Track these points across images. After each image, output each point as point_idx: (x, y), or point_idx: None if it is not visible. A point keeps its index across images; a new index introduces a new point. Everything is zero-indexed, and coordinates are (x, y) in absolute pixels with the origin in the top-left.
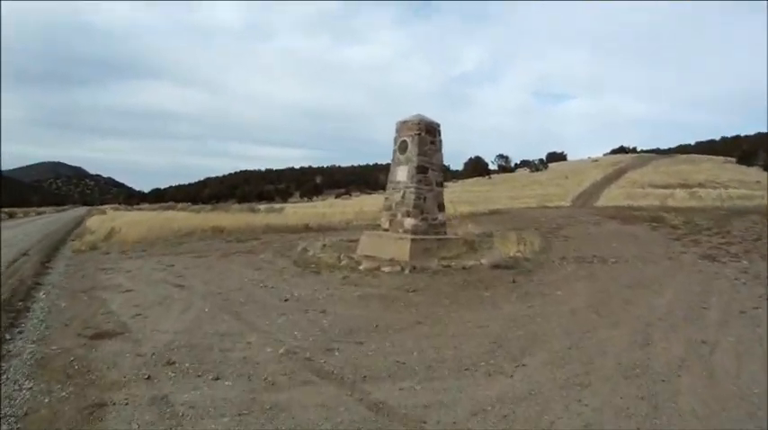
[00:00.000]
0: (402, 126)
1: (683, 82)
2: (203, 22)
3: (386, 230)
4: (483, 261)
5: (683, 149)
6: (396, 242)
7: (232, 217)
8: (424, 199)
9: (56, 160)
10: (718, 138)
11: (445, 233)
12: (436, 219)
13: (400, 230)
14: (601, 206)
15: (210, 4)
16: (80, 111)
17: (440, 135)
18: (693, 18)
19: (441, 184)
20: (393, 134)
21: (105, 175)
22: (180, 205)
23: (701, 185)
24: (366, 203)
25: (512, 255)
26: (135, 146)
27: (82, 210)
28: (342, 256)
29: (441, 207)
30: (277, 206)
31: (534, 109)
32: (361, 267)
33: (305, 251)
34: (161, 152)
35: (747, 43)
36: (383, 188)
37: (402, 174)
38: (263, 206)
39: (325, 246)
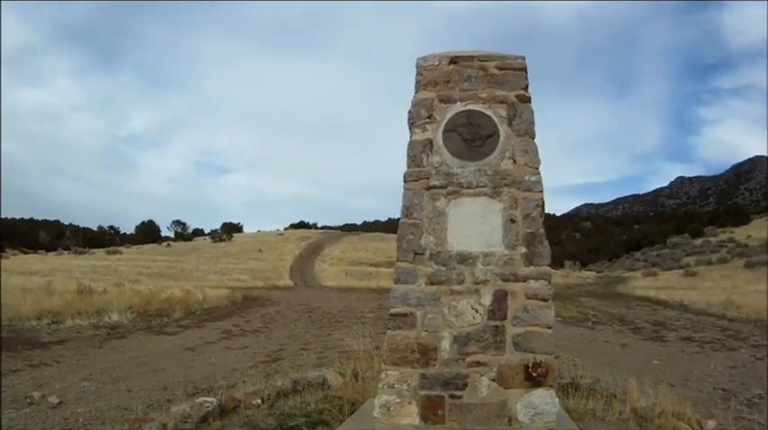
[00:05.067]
0: (451, 71)
1: (336, 167)
2: None
3: None
4: None
5: (352, 228)
6: None
7: None
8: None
9: None
10: (384, 219)
11: None
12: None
13: None
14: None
15: None
16: None
17: None
18: (353, 109)
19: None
20: (407, 96)
21: None
22: None
23: None
24: (36, 269)
25: None
26: None
27: None
28: None
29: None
30: None
31: (198, 178)
32: None
33: None
34: None
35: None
36: (44, 247)
37: (477, 220)
38: None
39: None
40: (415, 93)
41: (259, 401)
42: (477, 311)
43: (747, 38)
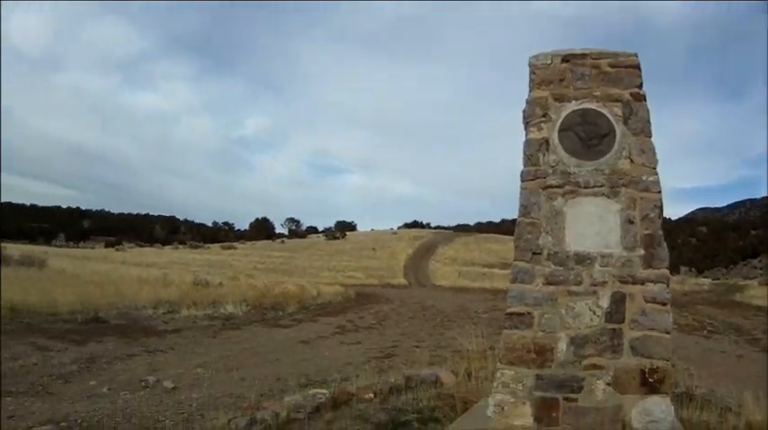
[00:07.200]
0: (564, 70)
1: (447, 169)
2: None
3: None
4: None
5: (465, 228)
6: None
7: None
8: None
9: None
10: (497, 220)
11: None
12: None
13: None
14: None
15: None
16: None
17: None
18: (460, 113)
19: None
20: (520, 95)
21: None
22: None
23: None
24: (152, 262)
25: None
26: None
27: None
28: None
29: None
30: (39, 251)
31: (311, 179)
32: None
33: None
34: None
35: (496, 140)
36: (160, 241)
37: (595, 221)
38: (16, 252)
39: None
40: (529, 91)
41: (371, 396)
42: (594, 313)
43: None
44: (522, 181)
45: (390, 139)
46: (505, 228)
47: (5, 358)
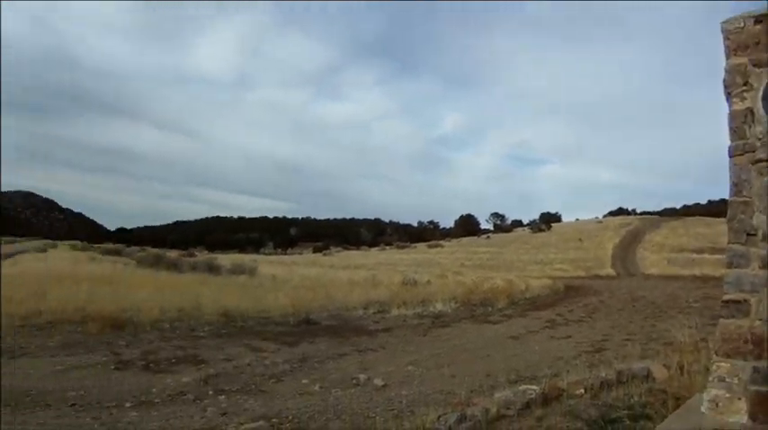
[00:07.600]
0: (758, 32)
1: (647, 152)
2: (190, 71)
3: None
4: None
5: (671, 212)
6: None
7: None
8: None
9: (27, 190)
10: (703, 201)
11: None
12: None
13: None
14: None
15: (200, 53)
16: (54, 142)
17: None
18: (655, 92)
19: None
20: (718, 66)
21: (76, 210)
22: (128, 250)
23: None
24: (360, 264)
25: None
26: (107, 183)
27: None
28: None
29: None
30: (249, 259)
31: (511, 172)
32: None
33: None
34: (132, 192)
35: (703, 121)
36: (366, 244)
37: None
38: (227, 262)
39: None
40: (726, 59)
41: (582, 391)
42: None
43: None
44: (731, 156)
45: (587, 126)
46: (713, 209)
47: (220, 359)
